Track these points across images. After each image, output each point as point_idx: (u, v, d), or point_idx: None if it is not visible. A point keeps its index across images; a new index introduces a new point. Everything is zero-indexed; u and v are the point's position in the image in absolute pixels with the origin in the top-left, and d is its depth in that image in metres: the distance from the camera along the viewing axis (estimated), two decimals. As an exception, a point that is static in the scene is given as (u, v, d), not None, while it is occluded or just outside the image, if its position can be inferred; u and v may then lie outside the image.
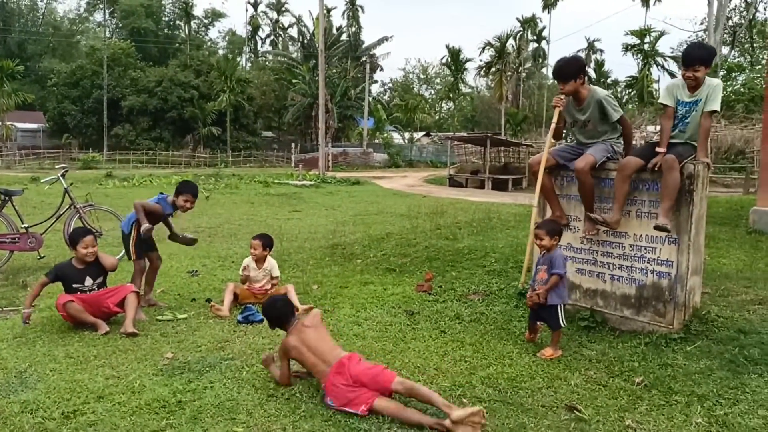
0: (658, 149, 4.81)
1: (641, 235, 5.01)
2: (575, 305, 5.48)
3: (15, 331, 5.26)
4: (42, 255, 7.98)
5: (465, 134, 45.22)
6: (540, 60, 74.25)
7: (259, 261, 6.23)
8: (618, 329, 5.14)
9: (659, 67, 55.45)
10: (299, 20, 67.69)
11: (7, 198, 7.76)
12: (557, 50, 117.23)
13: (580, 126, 5.32)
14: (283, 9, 77.00)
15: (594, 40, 72.10)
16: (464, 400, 3.95)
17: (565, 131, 5.89)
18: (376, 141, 55.93)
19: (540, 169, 5.36)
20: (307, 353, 3.99)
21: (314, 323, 4.15)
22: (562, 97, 5.34)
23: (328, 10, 65.11)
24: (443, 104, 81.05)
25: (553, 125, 5.47)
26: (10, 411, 3.73)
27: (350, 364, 3.83)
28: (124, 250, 8.47)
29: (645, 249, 4.99)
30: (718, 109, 4.70)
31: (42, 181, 9.80)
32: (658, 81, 57.08)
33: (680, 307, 4.80)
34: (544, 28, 72.83)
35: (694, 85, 4.71)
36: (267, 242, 6.28)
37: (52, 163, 40.93)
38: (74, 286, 5.53)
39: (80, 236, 5.66)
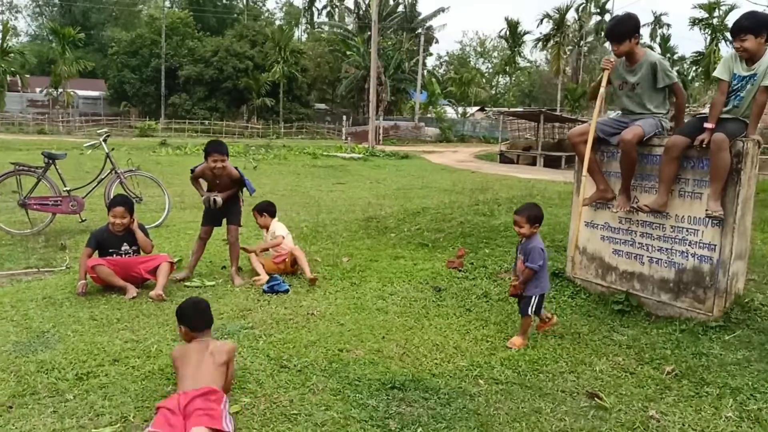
0: (706, 125, 4.48)
1: (683, 216, 4.71)
2: (610, 287, 5.24)
3: (45, 292, 5.35)
4: (84, 218, 8.14)
5: (518, 109, 44.27)
6: (602, 34, 71.74)
7: (265, 228, 6.39)
8: (654, 314, 4.88)
9: (728, 43, 52.84)
10: (356, -9, 67.14)
11: (50, 161, 7.92)
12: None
13: (629, 89, 4.99)
14: (340, -21, 76.47)
15: (660, 14, 69.30)
16: (480, 381, 3.81)
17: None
18: (429, 115, 55.36)
19: (588, 139, 5.04)
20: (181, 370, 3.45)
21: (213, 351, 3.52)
22: (613, 59, 5.04)
23: (386, -20, 64.40)
24: (500, 78, 79.48)
25: (601, 90, 5.11)
26: (26, 370, 3.77)
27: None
28: (165, 214, 8.62)
29: (687, 231, 4.70)
30: None
31: (84, 145, 10.00)
32: (727, 58, 54.44)
33: (721, 293, 4.51)
34: (607, 0, 70.27)
35: (747, 57, 4.35)
36: (259, 208, 6.45)
37: (110, 130, 41.96)
38: (111, 250, 5.58)
39: (113, 205, 5.70)
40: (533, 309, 4.38)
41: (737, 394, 3.63)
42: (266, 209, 6.44)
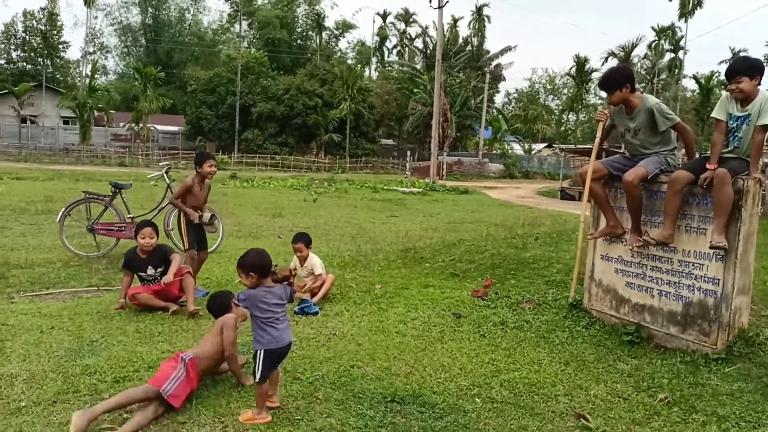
0: (708, 165, 4.66)
1: (690, 251, 4.86)
2: (623, 319, 5.38)
3: (100, 307, 5.94)
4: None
5: (579, 146, 43.84)
6: (675, 71, 70.39)
7: (302, 260, 6.65)
8: (663, 346, 5.00)
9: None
10: (425, 31, 68.46)
11: (117, 191, 8.68)
12: (696, 60, 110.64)
13: (632, 135, 5.25)
14: (411, 20, 78.21)
15: (739, 51, 67.23)
16: (477, 400, 4.07)
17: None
18: (494, 151, 55.47)
19: (587, 178, 5.38)
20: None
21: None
22: (606, 111, 5.41)
23: (455, 21, 65.55)
24: (570, 115, 78.91)
25: (597, 140, 5.50)
26: (72, 372, 4.29)
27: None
28: (219, 241, 9.22)
29: (693, 265, 4.84)
30: None
31: (148, 176, 10.81)
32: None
33: (725, 327, 4.62)
34: (681, 37, 69.07)
35: (742, 98, 4.55)
36: (306, 240, 6.68)
37: (186, 163, 44.05)
38: (139, 273, 6.13)
39: (140, 227, 6.22)
40: (260, 371, 3.68)
41: (723, 421, 3.76)
42: (310, 240, 6.79)
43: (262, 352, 3.71)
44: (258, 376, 3.68)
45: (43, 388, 4.02)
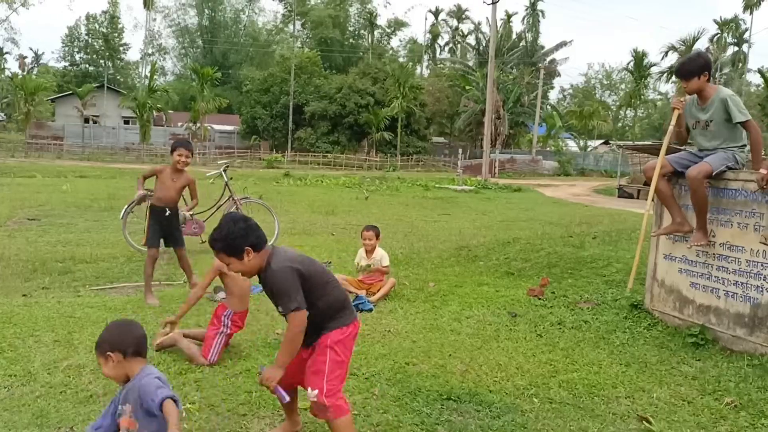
0: None
1: (759, 251, 4.68)
2: (686, 321, 5.22)
3: (162, 302, 6.10)
4: (204, 240, 9.00)
5: (636, 143, 42.62)
6: (739, 65, 67.89)
7: (369, 252, 6.58)
8: (730, 349, 4.83)
9: None
10: (477, 27, 67.94)
11: (177, 188, 8.87)
12: (761, 54, 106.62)
13: (702, 127, 5.06)
14: (463, 16, 77.75)
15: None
16: (534, 400, 4.02)
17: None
18: (548, 148, 54.59)
19: (655, 174, 5.22)
20: None
21: None
22: (683, 99, 5.19)
23: (509, 16, 64.72)
24: (627, 111, 77.04)
25: (671, 129, 5.28)
26: (135, 362, 4.42)
27: None
28: (274, 238, 9.35)
29: (762, 265, 4.65)
30: None
31: (207, 175, 11.05)
32: None
33: (796, 330, 4.42)
34: (746, 30, 66.58)
35: None
36: (377, 231, 6.64)
37: (241, 162, 44.90)
38: None
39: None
40: None
41: (795, 428, 3.61)
42: (379, 232, 6.76)
43: None
44: None
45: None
